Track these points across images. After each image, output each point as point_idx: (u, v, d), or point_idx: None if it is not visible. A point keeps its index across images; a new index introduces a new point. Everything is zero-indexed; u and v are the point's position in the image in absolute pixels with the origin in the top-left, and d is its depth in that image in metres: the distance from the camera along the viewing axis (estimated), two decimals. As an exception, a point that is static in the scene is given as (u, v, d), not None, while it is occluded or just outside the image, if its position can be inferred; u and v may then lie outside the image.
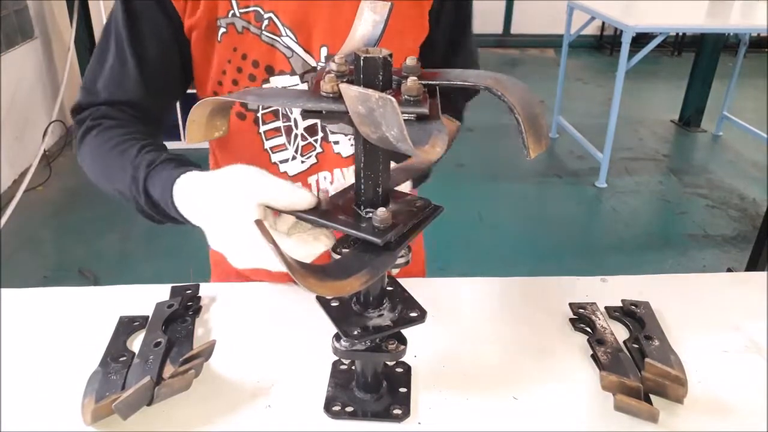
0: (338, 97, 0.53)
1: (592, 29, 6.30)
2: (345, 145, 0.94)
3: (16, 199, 3.19)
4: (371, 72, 0.53)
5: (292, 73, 0.86)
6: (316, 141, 0.93)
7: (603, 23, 6.91)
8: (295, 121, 0.90)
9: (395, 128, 0.47)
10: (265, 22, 0.83)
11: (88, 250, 2.98)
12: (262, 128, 0.90)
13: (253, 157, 0.91)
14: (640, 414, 0.68)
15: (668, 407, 0.70)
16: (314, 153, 0.93)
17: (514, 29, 7.42)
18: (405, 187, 0.72)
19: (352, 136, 0.90)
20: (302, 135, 0.91)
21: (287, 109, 0.90)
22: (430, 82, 0.55)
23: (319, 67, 0.86)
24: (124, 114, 0.84)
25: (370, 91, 0.47)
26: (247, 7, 0.82)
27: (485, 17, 7.18)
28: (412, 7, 0.90)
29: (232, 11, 0.82)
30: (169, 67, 0.86)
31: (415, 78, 0.52)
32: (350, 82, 0.54)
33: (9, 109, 3.59)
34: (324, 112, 0.54)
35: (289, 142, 0.92)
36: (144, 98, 0.84)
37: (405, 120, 0.47)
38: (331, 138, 0.93)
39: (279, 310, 0.88)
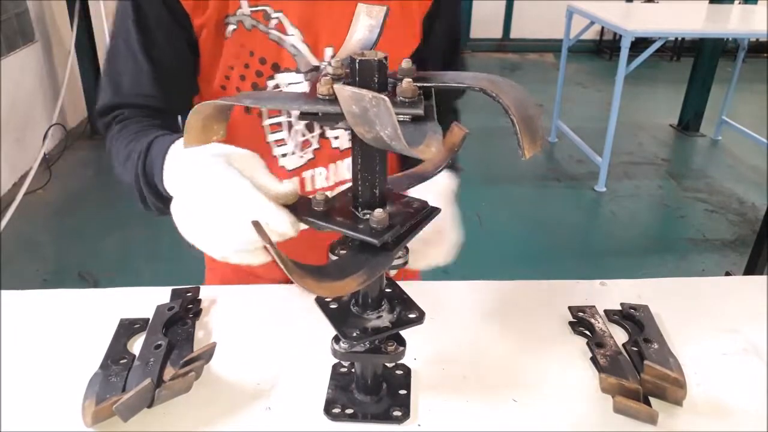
0: (334, 99, 0.53)
1: (591, 34, 6.32)
2: (345, 140, 0.96)
3: (16, 202, 3.19)
4: (367, 74, 0.53)
5: (297, 70, 0.89)
6: (313, 137, 0.95)
7: (602, 28, 6.93)
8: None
9: (389, 127, 0.47)
10: (274, 21, 0.86)
11: (87, 253, 2.98)
12: (266, 122, 0.92)
13: (255, 150, 0.92)
14: (639, 416, 0.68)
15: (667, 409, 0.70)
16: (311, 149, 0.96)
17: (514, 34, 7.44)
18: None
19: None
20: (302, 131, 0.94)
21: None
22: (424, 84, 0.55)
23: (322, 66, 0.89)
24: (145, 113, 0.86)
25: (363, 91, 0.48)
26: (257, 6, 0.85)
27: (485, 22, 7.20)
28: (402, 13, 0.90)
29: (241, 9, 0.84)
30: (182, 65, 0.87)
31: (410, 80, 0.53)
32: (346, 84, 0.55)
33: (9, 111, 3.60)
34: (320, 114, 0.55)
35: (290, 138, 0.94)
36: (162, 97, 0.86)
37: (400, 121, 0.48)
38: (330, 134, 0.95)
39: (279, 312, 0.88)
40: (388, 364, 0.75)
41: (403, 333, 0.68)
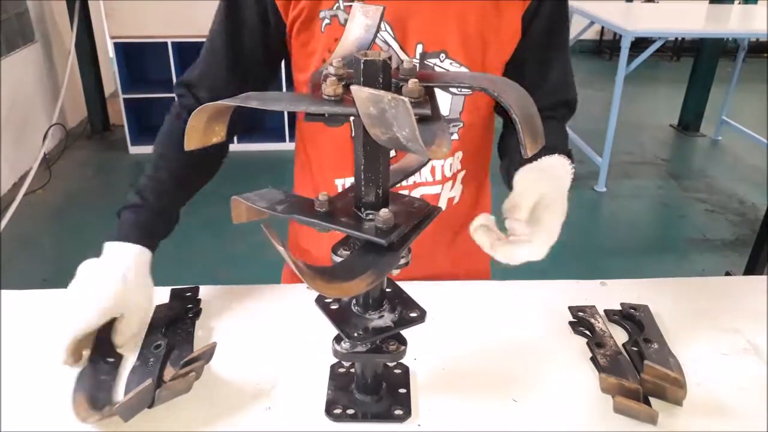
0: (340, 100, 0.53)
1: (591, 34, 6.32)
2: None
3: (16, 202, 3.19)
4: (371, 75, 0.53)
5: None
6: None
7: (602, 28, 6.93)
8: None
9: (407, 128, 0.47)
10: None
11: (87, 253, 2.97)
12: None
13: (340, 147, 0.96)
14: (639, 416, 0.68)
15: (667, 409, 0.70)
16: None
17: (514, 34, 7.43)
18: None
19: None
20: None
21: None
22: (428, 84, 0.55)
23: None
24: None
25: (382, 92, 0.47)
26: (350, 1, 0.87)
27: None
28: (498, 11, 0.88)
29: (336, 4, 0.87)
30: (260, 57, 0.92)
31: (416, 80, 0.53)
32: (348, 84, 0.55)
33: (9, 112, 3.60)
34: (326, 115, 0.55)
35: None
36: (232, 82, 0.91)
37: None
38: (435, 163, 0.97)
39: (278, 312, 0.88)
40: (388, 363, 0.75)
41: (403, 333, 0.68)
